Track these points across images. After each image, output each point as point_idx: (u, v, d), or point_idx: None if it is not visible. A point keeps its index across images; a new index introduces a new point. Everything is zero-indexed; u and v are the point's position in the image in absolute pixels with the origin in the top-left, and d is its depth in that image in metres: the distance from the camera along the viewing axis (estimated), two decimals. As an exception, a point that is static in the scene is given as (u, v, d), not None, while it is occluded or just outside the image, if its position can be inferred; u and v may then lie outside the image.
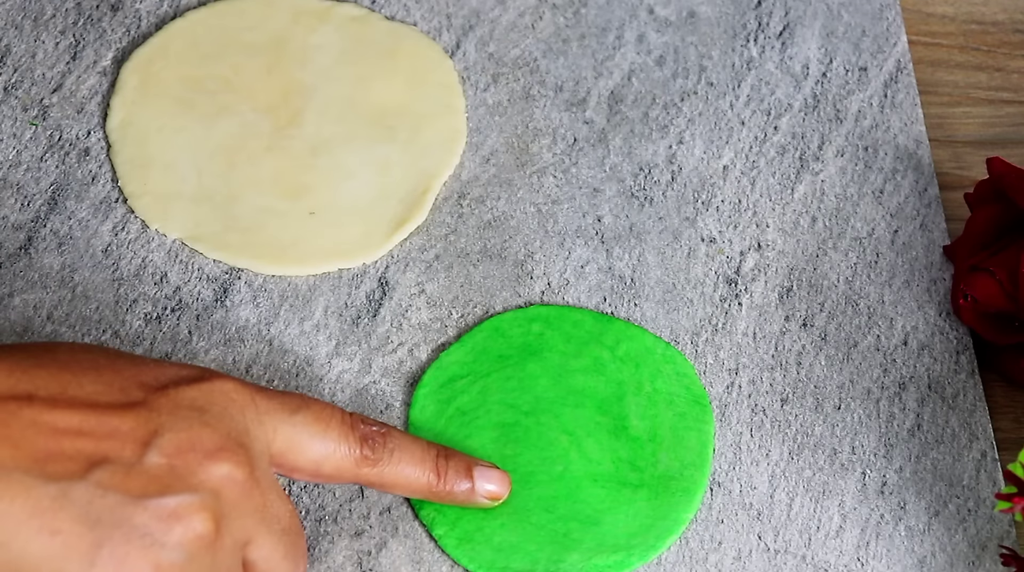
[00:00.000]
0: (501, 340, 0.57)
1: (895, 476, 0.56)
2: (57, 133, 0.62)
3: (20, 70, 0.63)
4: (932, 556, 0.54)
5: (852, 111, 0.65)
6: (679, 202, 0.62)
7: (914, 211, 0.62)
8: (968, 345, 0.59)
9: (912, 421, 0.57)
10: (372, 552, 0.53)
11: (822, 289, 0.60)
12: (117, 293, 0.58)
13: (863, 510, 0.55)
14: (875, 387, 0.58)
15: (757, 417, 0.57)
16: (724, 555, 0.54)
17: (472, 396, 0.55)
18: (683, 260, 0.60)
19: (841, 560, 0.54)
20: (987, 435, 0.57)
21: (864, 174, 0.63)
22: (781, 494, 0.55)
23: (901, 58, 0.66)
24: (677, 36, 0.67)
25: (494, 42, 0.66)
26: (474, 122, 0.63)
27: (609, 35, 0.66)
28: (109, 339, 0.57)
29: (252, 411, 0.46)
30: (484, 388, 0.56)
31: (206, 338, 0.57)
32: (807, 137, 0.64)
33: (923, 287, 0.60)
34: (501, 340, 0.57)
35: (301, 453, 0.48)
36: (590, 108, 0.64)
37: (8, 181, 0.60)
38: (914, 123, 0.65)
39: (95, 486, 0.42)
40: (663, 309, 0.59)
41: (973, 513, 0.55)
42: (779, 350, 0.58)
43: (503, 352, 0.56)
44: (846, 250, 0.61)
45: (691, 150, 0.63)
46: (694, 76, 0.65)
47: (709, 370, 0.58)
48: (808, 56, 0.66)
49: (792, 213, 0.62)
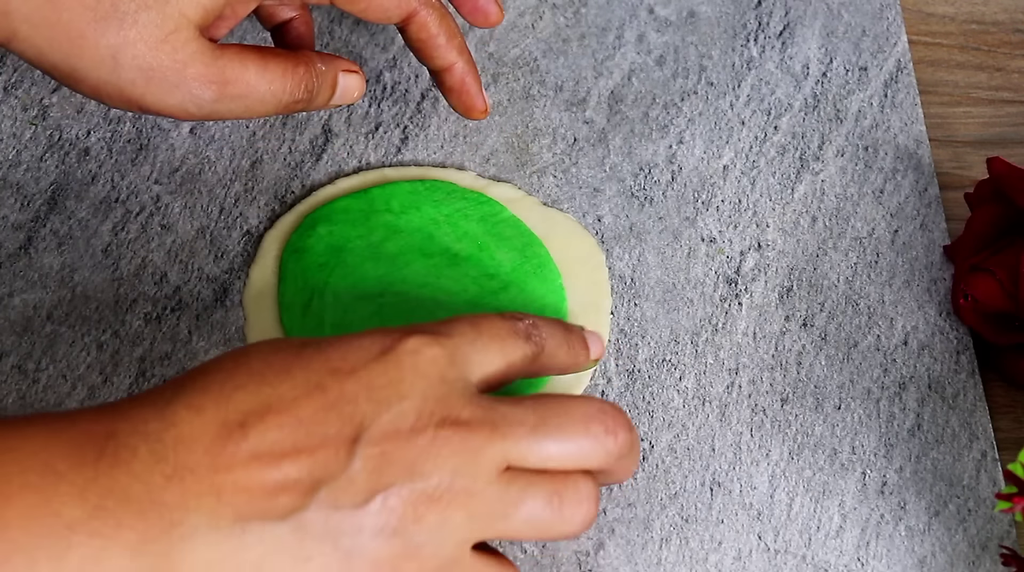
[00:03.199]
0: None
1: (895, 476, 0.56)
2: (57, 133, 0.62)
3: (20, 70, 0.63)
4: (932, 556, 0.54)
5: (852, 111, 0.65)
6: (679, 202, 0.62)
7: (914, 211, 0.62)
8: (968, 345, 0.59)
9: (912, 421, 0.57)
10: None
11: (822, 289, 0.60)
12: (117, 293, 0.58)
13: (863, 510, 0.55)
14: (875, 387, 0.58)
15: (757, 417, 0.57)
16: (724, 555, 0.54)
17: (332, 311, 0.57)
18: (683, 260, 0.60)
19: (841, 560, 0.54)
20: (987, 435, 0.57)
21: (864, 174, 0.63)
22: (781, 494, 0.55)
23: (901, 58, 0.66)
24: (677, 36, 0.67)
25: (494, 42, 0.66)
26: (474, 122, 0.63)
27: (609, 35, 0.66)
28: (109, 339, 0.57)
29: (443, 358, 0.47)
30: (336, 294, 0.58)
31: (206, 338, 0.57)
32: (807, 137, 0.64)
33: (923, 287, 0.60)
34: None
35: (493, 371, 0.48)
36: (590, 108, 0.64)
37: (8, 181, 0.60)
38: (914, 123, 0.65)
39: (324, 507, 0.43)
40: (663, 309, 0.59)
41: (973, 513, 0.55)
42: (779, 350, 0.58)
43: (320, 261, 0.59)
44: (846, 250, 0.61)
45: (691, 150, 0.63)
46: (694, 76, 0.65)
47: (709, 370, 0.58)
48: (808, 56, 0.66)
49: (792, 213, 0.62)
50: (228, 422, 0.44)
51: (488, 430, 0.45)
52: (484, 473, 0.45)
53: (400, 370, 0.46)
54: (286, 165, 0.62)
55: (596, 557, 0.54)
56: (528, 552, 0.53)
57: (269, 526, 0.43)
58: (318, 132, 0.63)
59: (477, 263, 0.58)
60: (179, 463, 0.43)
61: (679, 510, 0.55)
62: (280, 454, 0.43)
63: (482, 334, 0.48)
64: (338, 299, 0.57)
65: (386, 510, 0.43)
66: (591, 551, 0.54)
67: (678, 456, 0.56)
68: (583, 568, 0.53)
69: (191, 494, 0.42)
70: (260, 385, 0.45)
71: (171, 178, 0.61)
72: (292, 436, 0.44)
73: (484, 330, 0.48)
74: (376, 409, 0.45)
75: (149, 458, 0.43)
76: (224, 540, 0.42)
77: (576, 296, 0.59)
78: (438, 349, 0.46)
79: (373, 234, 0.59)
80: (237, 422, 0.44)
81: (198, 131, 0.62)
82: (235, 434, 0.43)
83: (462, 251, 0.59)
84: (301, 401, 0.44)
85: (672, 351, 0.58)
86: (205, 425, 0.43)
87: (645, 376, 0.57)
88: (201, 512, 0.42)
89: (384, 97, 0.64)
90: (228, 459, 0.43)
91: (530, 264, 0.59)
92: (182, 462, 0.43)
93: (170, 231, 0.59)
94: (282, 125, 0.63)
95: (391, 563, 0.44)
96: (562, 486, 0.46)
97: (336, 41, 0.65)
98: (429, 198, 0.60)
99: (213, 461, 0.43)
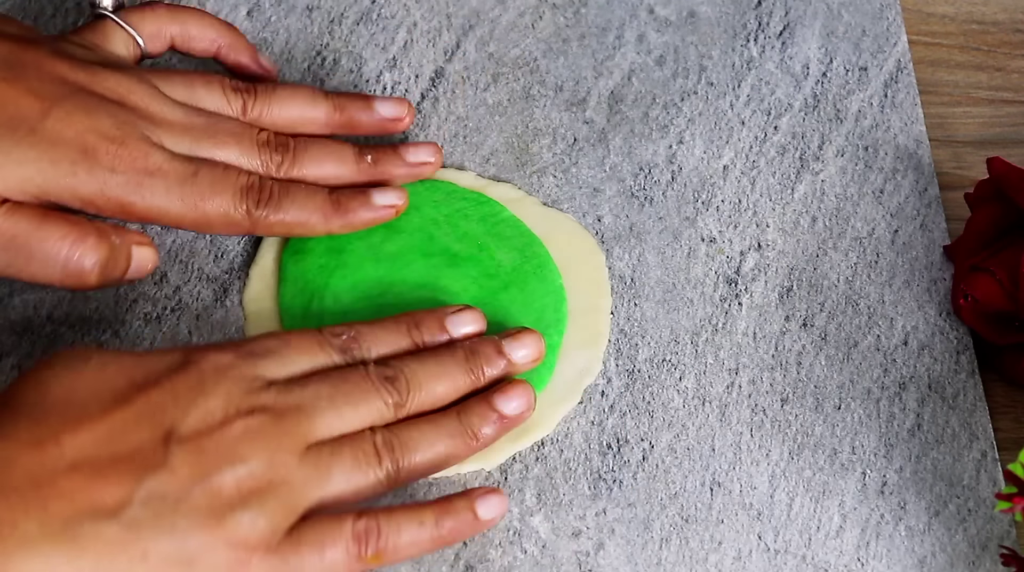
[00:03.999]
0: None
1: (895, 476, 0.56)
2: None
3: (20, 70, 0.63)
4: (932, 556, 0.54)
5: (852, 111, 0.65)
6: (679, 202, 0.62)
7: (914, 211, 0.62)
8: (968, 345, 0.59)
9: (912, 421, 0.57)
10: (372, 552, 0.53)
11: (822, 289, 0.60)
12: (117, 293, 0.58)
13: (863, 510, 0.55)
14: (875, 387, 0.58)
15: (757, 417, 0.57)
16: (724, 555, 0.54)
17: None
18: (683, 260, 0.60)
19: (841, 560, 0.54)
20: (987, 435, 0.57)
21: (864, 174, 0.63)
22: (781, 494, 0.55)
23: (901, 58, 0.66)
24: (677, 36, 0.67)
25: (494, 42, 0.66)
26: (474, 122, 0.63)
27: (609, 35, 0.66)
28: (109, 339, 0.57)
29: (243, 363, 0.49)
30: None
31: (206, 338, 0.57)
32: (807, 137, 0.64)
33: (923, 287, 0.60)
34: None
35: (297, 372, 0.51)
36: (590, 108, 0.64)
37: (8, 181, 0.60)
38: (914, 123, 0.65)
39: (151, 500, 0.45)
40: (663, 309, 0.59)
41: (973, 513, 0.55)
42: (779, 350, 0.58)
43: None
44: (846, 250, 0.61)
45: (691, 150, 0.63)
46: (694, 76, 0.65)
47: (709, 370, 0.58)
48: (808, 56, 0.66)
49: (792, 213, 0.62)
50: (42, 440, 0.45)
51: (294, 412, 0.49)
52: (297, 450, 0.48)
53: (202, 375, 0.48)
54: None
55: (596, 557, 0.54)
56: (528, 552, 0.53)
57: (101, 526, 0.44)
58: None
59: (477, 263, 0.58)
60: (1, 485, 0.44)
61: (679, 510, 0.55)
62: (97, 462, 0.45)
63: (288, 345, 0.51)
64: (338, 300, 0.57)
65: (212, 495, 0.46)
66: (591, 551, 0.54)
67: (678, 456, 0.56)
68: (583, 568, 0.53)
69: (18, 510, 0.44)
70: (67, 406, 0.46)
71: (171, 178, 0.61)
72: (107, 446, 0.46)
73: (292, 342, 0.51)
74: (184, 411, 0.47)
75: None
76: (58, 546, 0.44)
77: (576, 296, 0.59)
78: (234, 356, 0.49)
79: (373, 235, 0.59)
80: (51, 439, 0.45)
81: (198, 131, 0.62)
82: (51, 450, 0.45)
83: (462, 251, 0.59)
84: (109, 414, 0.46)
85: (672, 351, 0.58)
86: (20, 447, 0.45)
87: (645, 376, 0.57)
88: (30, 522, 0.44)
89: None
90: (49, 473, 0.45)
91: (530, 264, 0.59)
92: (3, 483, 0.44)
93: (170, 231, 0.59)
94: (282, 125, 0.63)
95: (228, 546, 0.46)
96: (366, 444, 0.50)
97: (336, 41, 0.65)
98: (429, 198, 0.60)
99: (34, 478, 0.44)
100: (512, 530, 0.54)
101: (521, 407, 0.53)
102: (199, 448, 0.46)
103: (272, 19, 0.65)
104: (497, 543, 0.53)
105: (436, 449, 0.51)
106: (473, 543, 0.53)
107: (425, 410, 0.52)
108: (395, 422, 0.51)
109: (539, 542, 0.54)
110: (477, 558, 0.53)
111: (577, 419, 0.56)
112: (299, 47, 0.65)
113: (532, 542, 0.54)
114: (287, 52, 0.65)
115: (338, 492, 0.49)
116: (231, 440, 0.47)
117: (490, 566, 0.53)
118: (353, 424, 0.50)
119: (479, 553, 0.53)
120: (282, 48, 0.65)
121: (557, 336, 0.57)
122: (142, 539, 0.44)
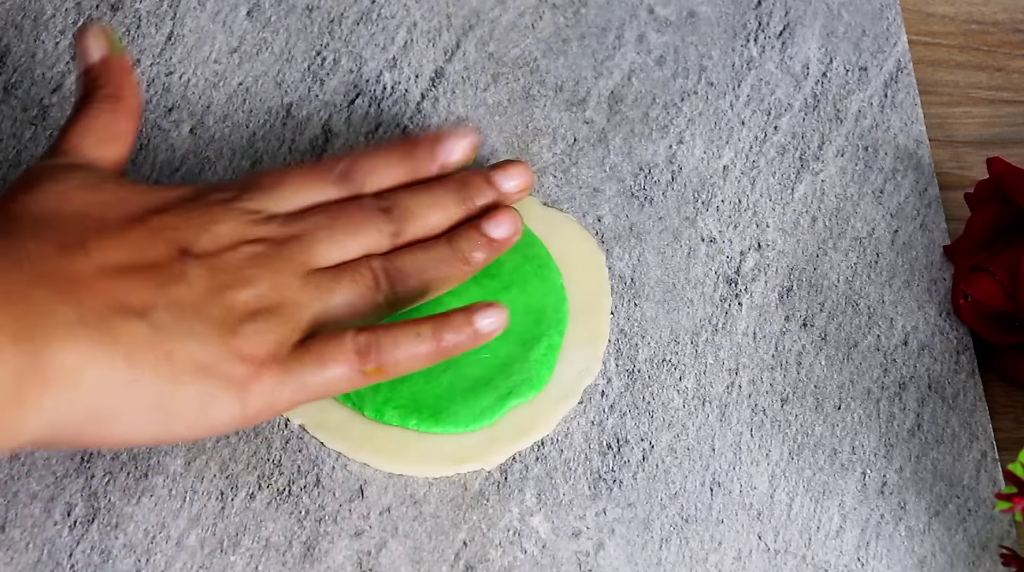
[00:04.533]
0: None
1: (895, 476, 0.56)
2: (57, 133, 0.62)
3: (20, 70, 0.63)
4: (932, 556, 0.54)
5: (852, 111, 0.65)
6: (679, 202, 0.62)
7: (914, 211, 0.62)
8: (968, 345, 0.59)
9: (912, 421, 0.57)
10: (372, 552, 0.53)
11: (822, 289, 0.60)
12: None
13: (863, 510, 0.55)
14: (875, 387, 0.58)
15: (757, 417, 0.57)
16: (724, 555, 0.54)
17: None
18: (683, 260, 0.60)
19: (841, 560, 0.54)
20: (987, 435, 0.57)
21: (864, 174, 0.63)
22: (781, 494, 0.55)
23: (901, 58, 0.66)
24: (677, 36, 0.67)
25: (494, 42, 0.66)
26: (474, 122, 0.63)
27: (609, 35, 0.66)
28: (109, 339, 0.57)
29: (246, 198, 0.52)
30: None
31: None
32: (807, 137, 0.64)
33: (923, 287, 0.60)
34: None
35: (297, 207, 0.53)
36: (590, 108, 0.64)
37: (8, 181, 0.60)
38: (914, 123, 0.65)
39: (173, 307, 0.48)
40: (663, 309, 0.59)
41: (973, 513, 0.55)
42: (779, 350, 0.58)
43: None
44: (846, 250, 0.61)
45: (691, 150, 0.63)
46: (694, 76, 0.65)
47: (709, 370, 0.58)
48: (808, 56, 0.66)
49: (792, 213, 0.62)
50: (68, 244, 0.48)
51: (295, 240, 0.52)
52: (300, 274, 0.51)
53: (210, 206, 0.52)
54: (286, 165, 0.62)
55: (596, 557, 0.54)
56: (528, 552, 0.54)
57: (131, 323, 0.47)
58: (318, 132, 0.63)
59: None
60: (36, 272, 0.46)
61: (679, 510, 0.55)
62: (121, 268, 0.48)
63: (288, 180, 0.54)
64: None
65: (226, 309, 0.49)
66: (591, 551, 0.54)
67: (678, 456, 0.56)
68: (583, 568, 0.53)
69: (56, 300, 0.46)
70: (86, 218, 0.49)
71: (171, 178, 0.61)
72: (128, 256, 0.49)
73: (291, 178, 0.54)
74: (196, 233, 0.50)
75: (7, 266, 0.46)
76: (93, 336, 0.46)
77: (576, 296, 0.59)
78: (238, 191, 0.53)
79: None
80: (78, 245, 0.48)
81: (198, 131, 0.62)
82: (78, 253, 0.48)
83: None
84: (128, 229, 0.49)
85: (672, 351, 0.58)
86: (49, 246, 0.48)
87: (645, 376, 0.57)
88: (69, 311, 0.46)
89: (384, 97, 0.64)
90: (78, 272, 0.47)
91: (530, 264, 0.58)
92: (39, 271, 0.46)
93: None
94: (282, 125, 0.63)
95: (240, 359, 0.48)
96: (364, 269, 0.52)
97: (336, 41, 0.65)
98: None
99: (67, 275, 0.47)
100: (512, 530, 0.54)
101: (508, 231, 0.55)
102: (212, 266, 0.50)
103: (272, 19, 0.65)
104: (497, 543, 0.53)
105: (430, 273, 0.54)
106: (473, 543, 0.53)
107: (420, 239, 0.54)
108: (392, 251, 0.54)
109: (539, 542, 0.54)
110: (477, 558, 0.53)
111: (577, 419, 0.56)
112: (299, 47, 0.65)
113: (532, 542, 0.54)
114: (287, 52, 0.65)
115: (339, 314, 0.52)
116: (239, 262, 0.50)
117: (490, 566, 0.53)
118: (351, 252, 0.53)
119: (479, 553, 0.53)
120: (282, 48, 0.65)
121: (558, 336, 0.57)
122: (168, 340, 0.47)
